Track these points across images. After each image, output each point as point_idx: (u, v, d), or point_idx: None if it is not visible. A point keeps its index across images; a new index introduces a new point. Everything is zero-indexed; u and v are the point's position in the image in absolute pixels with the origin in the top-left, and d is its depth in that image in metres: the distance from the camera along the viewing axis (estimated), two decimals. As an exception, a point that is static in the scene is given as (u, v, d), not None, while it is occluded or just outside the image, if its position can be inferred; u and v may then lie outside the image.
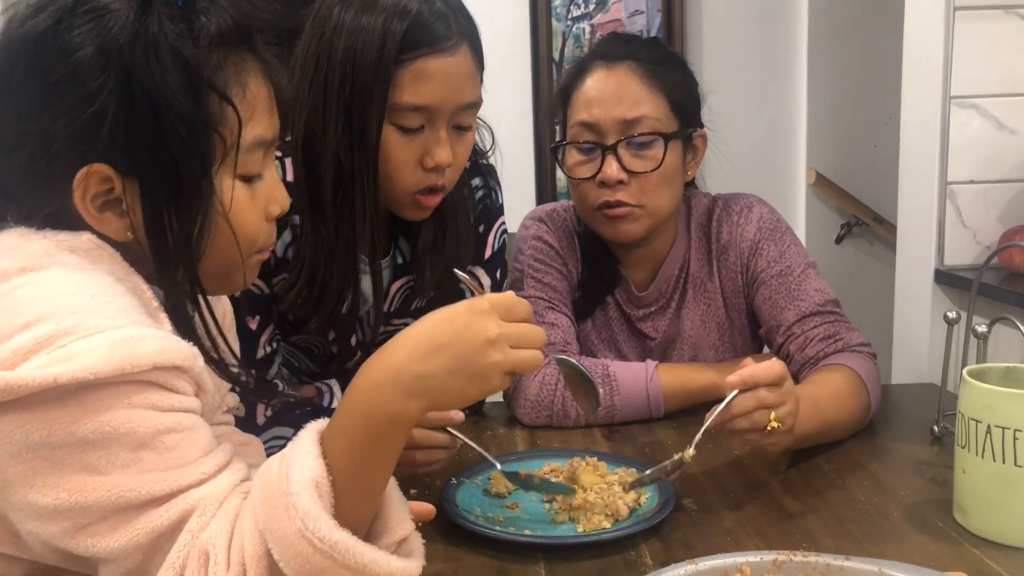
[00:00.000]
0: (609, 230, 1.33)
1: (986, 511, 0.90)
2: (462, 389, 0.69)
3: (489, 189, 1.33)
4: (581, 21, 2.71)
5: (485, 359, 0.69)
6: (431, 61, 1.07)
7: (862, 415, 1.17)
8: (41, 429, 0.62)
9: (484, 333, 0.69)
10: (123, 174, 0.70)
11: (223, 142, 0.73)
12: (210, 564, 0.64)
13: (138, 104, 0.69)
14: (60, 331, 0.62)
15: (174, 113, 0.70)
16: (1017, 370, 0.94)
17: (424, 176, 1.12)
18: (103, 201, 0.71)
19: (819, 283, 1.31)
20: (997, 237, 1.71)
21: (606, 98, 1.28)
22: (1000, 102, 1.69)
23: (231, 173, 0.75)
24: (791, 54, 2.75)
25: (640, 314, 1.42)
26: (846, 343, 1.24)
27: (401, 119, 1.09)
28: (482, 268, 1.33)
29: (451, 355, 0.68)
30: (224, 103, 0.72)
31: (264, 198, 0.79)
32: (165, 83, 0.69)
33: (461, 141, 1.14)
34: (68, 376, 0.60)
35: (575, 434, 1.26)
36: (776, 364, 0.96)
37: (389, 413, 0.67)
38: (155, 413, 0.65)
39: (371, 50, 1.05)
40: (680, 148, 1.32)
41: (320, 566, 0.64)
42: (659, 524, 0.93)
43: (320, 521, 0.64)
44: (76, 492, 0.63)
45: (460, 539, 0.94)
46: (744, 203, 1.38)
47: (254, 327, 1.18)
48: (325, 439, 0.68)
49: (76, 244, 0.70)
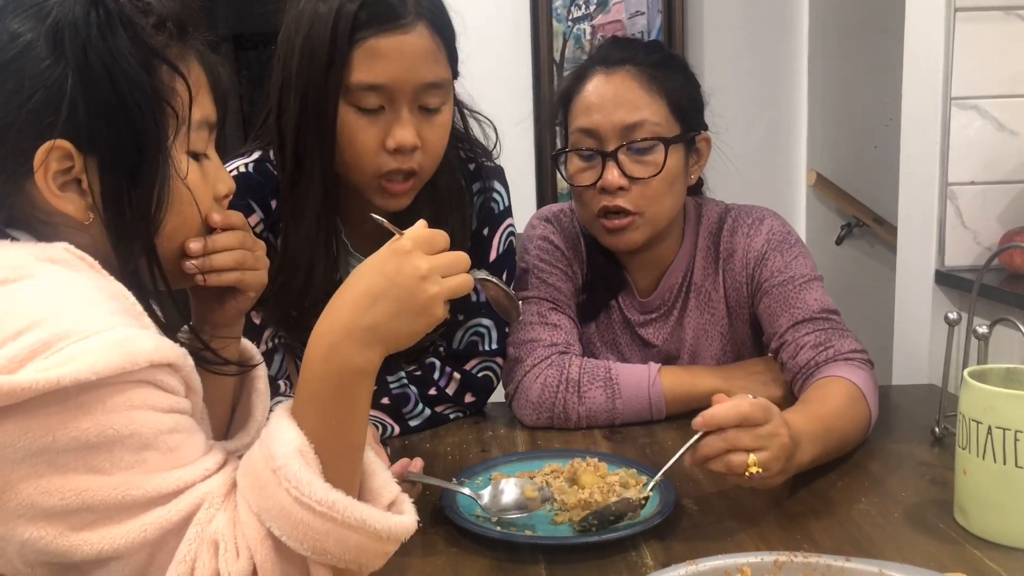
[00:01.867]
0: (608, 239, 1.33)
1: (987, 512, 0.90)
2: (410, 327, 0.73)
3: (489, 192, 1.33)
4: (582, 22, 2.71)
5: (423, 294, 0.72)
6: (384, 39, 1.08)
7: (863, 429, 1.15)
8: (45, 435, 0.61)
9: (415, 271, 0.73)
10: (83, 150, 0.71)
11: (175, 116, 0.75)
12: (220, 553, 0.65)
13: (95, 75, 0.70)
14: (55, 336, 0.62)
15: (132, 83, 0.71)
16: (1018, 371, 0.94)
17: (387, 159, 1.12)
18: (63, 181, 0.72)
19: (819, 294, 1.29)
20: (998, 238, 1.71)
21: (605, 104, 1.28)
22: (1001, 103, 1.69)
23: (184, 148, 0.77)
24: (792, 55, 2.75)
25: (642, 320, 1.42)
26: (837, 351, 1.21)
27: (358, 99, 1.09)
28: (487, 270, 1.32)
29: (391, 299, 0.71)
30: (175, 76, 0.74)
31: (212, 178, 0.82)
32: (121, 54, 0.71)
33: (430, 123, 1.13)
34: (71, 377, 0.60)
35: (576, 435, 1.26)
36: (741, 404, 0.90)
37: (351, 369, 0.70)
38: (156, 414, 0.66)
39: (324, 31, 1.07)
40: (682, 152, 1.31)
41: (322, 530, 0.65)
42: (659, 525, 0.93)
43: (314, 485, 0.65)
44: (81, 492, 0.63)
45: (460, 539, 0.94)
46: (756, 215, 1.37)
47: (257, 322, 1.19)
48: (296, 413, 0.70)
49: (54, 254, 0.70)
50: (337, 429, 0.69)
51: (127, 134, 0.72)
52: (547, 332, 1.33)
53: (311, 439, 0.68)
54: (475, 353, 1.33)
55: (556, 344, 1.33)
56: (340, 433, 0.70)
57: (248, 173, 1.19)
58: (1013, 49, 1.67)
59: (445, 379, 1.31)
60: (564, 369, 1.29)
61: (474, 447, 1.22)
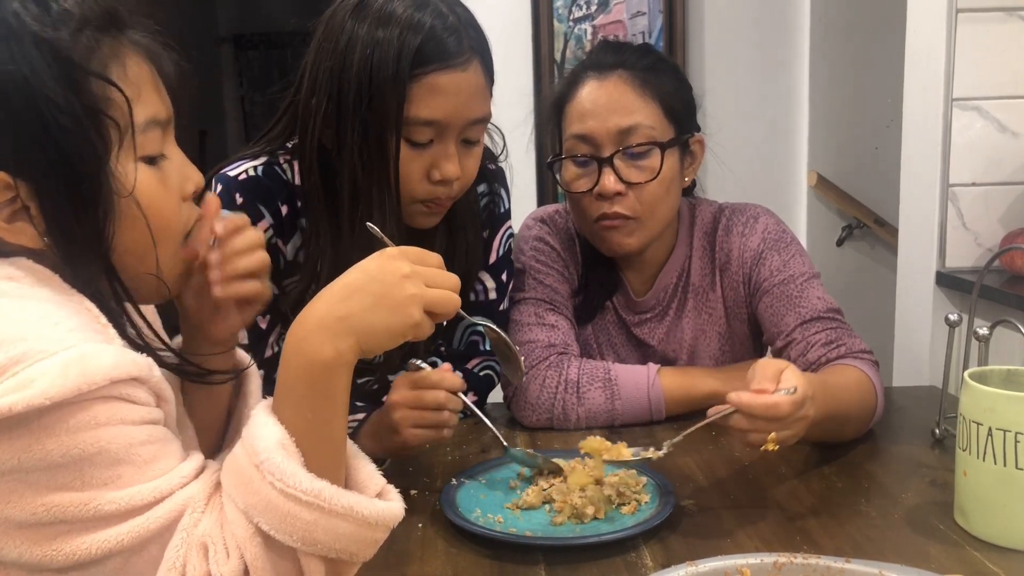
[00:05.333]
0: (606, 245, 1.33)
1: (987, 514, 0.90)
2: (385, 323, 0.71)
3: (494, 195, 1.33)
4: (583, 22, 2.71)
5: (401, 292, 0.71)
6: (443, 76, 1.07)
7: (867, 415, 1.16)
8: (11, 458, 0.61)
9: (397, 270, 0.72)
10: (21, 178, 0.67)
11: (116, 126, 0.70)
12: (210, 555, 0.65)
13: (13, 102, 0.66)
14: (11, 359, 0.61)
15: (52, 105, 0.66)
16: (1018, 373, 0.94)
17: (431, 188, 1.13)
18: (10, 211, 0.69)
19: (821, 292, 1.30)
20: (998, 239, 1.71)
21: (599, 109, 1.28)
22: (1002, 104, 1.69)
23: (132, 156, 0.72)
24: (792, 56, 2.75)
25: (636, 320, 1.42)
26: (848, 348, 1.22)
27: (412, 133, 1.09)
28: (487, 272, 1.33)
29: (368, 293, 0.71)
30: (107, 85, 0.69)
31: (176, 178, 0.77)
32: (35, 75, 0.66)
33: (469, 154, 1.15)
34: (23, 404, 0.59)
35: (576, 435, 1.26)
36: (781, 405, 0.92)
37: (323, 359, 0.69)
38: (125, 427, 0.65)
39: (387, 64, 1.06)
40: (677, 155, 1.32)
41: (310, 520, 0.65)
42: (659, 525, 0.93)
43: (298, 475, 0.65)
44: (52, 508, 0.62)
45: (460, 539, 0.94)
46: (750, 214, 1.37)
47: (264, 326, 1.19)
48: (275, 408, 0.70)
49: (12, 272, 0.68)
50: (314, 422, 0.69)
51: (57, 157, 0.67)
52: (544, 333, 1.33)
53: (291, 432, 0.68)
54: (476, 353, 1.33)
55: (554, 345, 1.32)
56: (317, 425, 0.69)
57: (257, 176, 1.17)
58: (1014, 50, 1.67)
59: None
60: (563, 370, 1.29)
61: (474, 447, 1.22)
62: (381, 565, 0.86)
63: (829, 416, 1.05)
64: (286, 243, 1.19)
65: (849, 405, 1.12)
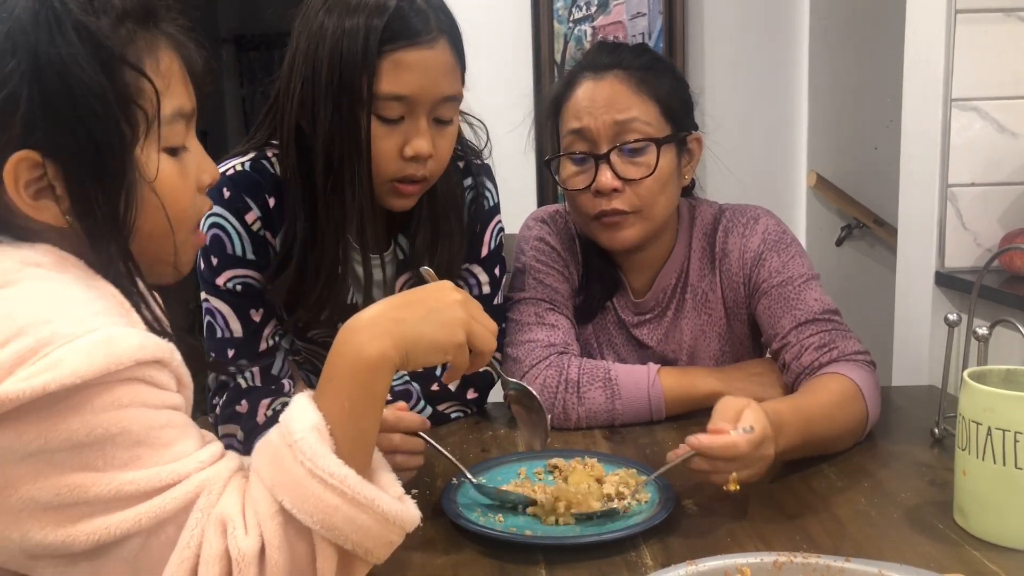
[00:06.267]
0: (605, 237, 1.33)
1: (986, 513, 0.90)
2: (432, 336, 0.76)
3: (481, 188, 1.35)
4: (583, 23, 2.71)
5: (452, 312, 0.78)
6: (410, 53, 1.11)
7: (855, 427, 1.14)
8: (37, 438, 0.63)
9: (453, 295, 0.80)
10: (50, 158, 0.70)
11: (145, 116, 0.73)
12: (229, 530, 0.66)
13: (49, 84, 0.68)
14: (40, 342, 0.63)
15: (87, 89, 0.69)
16: (1018, 372, 0.94)
17: (403, 165, 1.16)
18: (36, 189, 0.71)
19: (819, 293, 1.29)
20: (998, 240, 1.71)
21: (596, 106, 1.29)
22: (1001, 105, 1.69)
23: (156, 147, 0.75)
24: (792, 56, 2.75)
25: (636, 320, 1.42)
26: (841, 352, 1.21)
27: (382, 109, 1.13)
28: (480, 266, 1.34)
29: (424, 307, 0.77)
30: (140, 76, 0.73)
31: (194, 169, 0.81)
32: (73, 59, 0.69)
33: (442, 134, 1.18)
34: (56, 383, 0.61)
35: (576, 435, 1.26)
36: (739, 445, 0.92)
37: (368, 355, 0.72)
38: (147, 410, 0.67)
39: (356, 43, 1.10)
40: (674, 153, 1.32)
41: (332, 504, 0.67)
42: (659, 525, 0.93)
43: (328, 459, 0.68)
44: (75, 489, 0.64)
45: (460, 539, 0.94)
46: (751, 214, 1.37)
47: (258, 320, 1.20)
48: (316, 395, 0.73)
49: (39, 258, 0.71)
50: (350, 413, 0.71)
51: (87, 140, 0.70)
52: (545, 332, 1.34)
53: (327, 420, 0.70)
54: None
55: (554, 344, 1.33)
56: (353, 417, 0.72)
57: (245, 171, 1.21)
58: (1013, 51, 1.68)
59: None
60: (563, 370, 1.29)
61: (474, 447, 1.22)
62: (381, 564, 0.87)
63: (806, 442, 1.05)
64: (275, 235, 1.22)
65: (829, 426, 1.10)
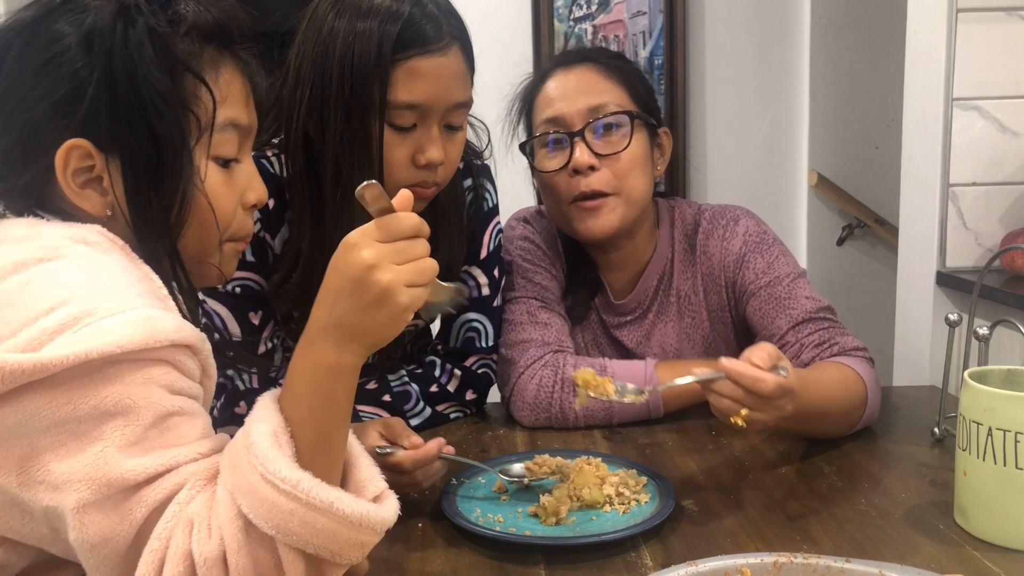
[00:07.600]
0: (583, 226, 1.32)
1: (987, 514, 0.90)
2: (375, 319, 0.71)
3: (481, 190, 1.34)
4: (583, 22, 2.71)
5: (376, 285, 0.70)
6: (423, 60, 1.10)
7: (855, 407, 1.15)
8: (67, 404, 0.64)
9: (361, 262, 0.71)
10: (104, 151, 0.75)
11: (197, 122, 0.78)
12: (193, 533, 0.66)
13: (118, 80, 0.73)
14: (83, 312, 0.65)
15: (152, 89, 0.74)
16: (1018, 372, 0.94)
17: (416, 173, 1.15)
18: (84, 179, 0.75)
19: (809, 291, 1.29)
20: (999, 239, 1.71)
21: (568, 93, 1.31)
22: (1002, 104, 1.69)
23: (205, 154, 0.79)
24: (793, 55, 2.75)
25: (616, 322, 1.42)
26: (841, 347, 1.22)
27: (395, 117, 1.12)
28: (479, 268, 1.34)
29: (346, 294, 0.71)
30: (199, 84, 0.77)
31: (242, 185, 0.84)
32: (143, 60, 0.74)
33: (452, 140, 1.17)
34: (98, 351, 0.64)
35: (576, 435, 1.26)
36: (768, 381, 0.92)
37: (324, 365, 0.72)
38: (166, 394, 0.68)
39: (368, 52, 1.09)
40: (646, 137, 1.34)
41: (287, 509, 0.66)
42: (659, 525, 0.93)
43: (279, 463, 0.67)
44: (89, 463, 0.64)
45: (460, 539, 0.94)
46: (730, 216, 1.37)
47: (256, 322, 1.20)
48: (280, 399, 0.73)
49: (88, 236, 0.73)
50: (311, 419, 0.71)
51: (147, 137, 0.75)
52: (538, 331, 1.33)
53: (289, 425, 0.71)
54: (473, 350, 1.34)
55: (549, 343, 1.32)
56: (314, 424, 0.71)
57: None
58: (1015, 50, 1.67)
59: (446, 376, 1.32)
60: (559, 369, 1.29)
61: (474, 447, 1.22)
62: (381, 565, 0.87)
63: (809, 414, 1.05)
64: (274, 237, 1.21)
65: (829, 400, 1.11)
